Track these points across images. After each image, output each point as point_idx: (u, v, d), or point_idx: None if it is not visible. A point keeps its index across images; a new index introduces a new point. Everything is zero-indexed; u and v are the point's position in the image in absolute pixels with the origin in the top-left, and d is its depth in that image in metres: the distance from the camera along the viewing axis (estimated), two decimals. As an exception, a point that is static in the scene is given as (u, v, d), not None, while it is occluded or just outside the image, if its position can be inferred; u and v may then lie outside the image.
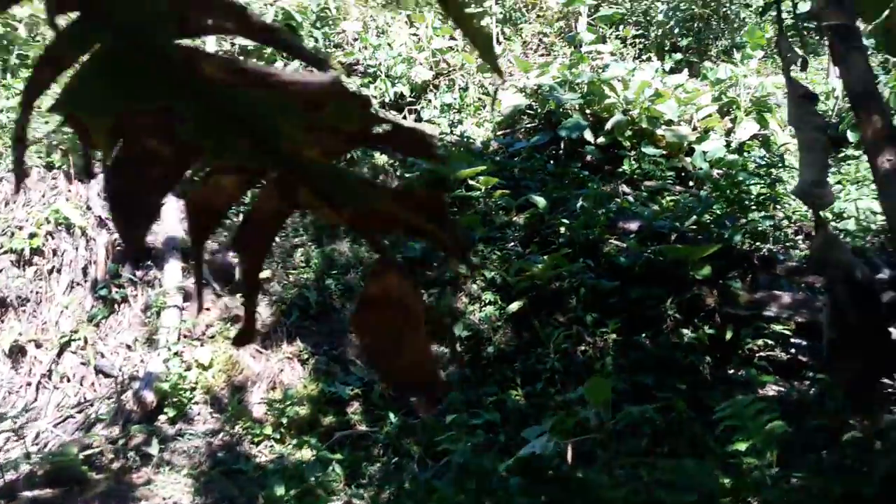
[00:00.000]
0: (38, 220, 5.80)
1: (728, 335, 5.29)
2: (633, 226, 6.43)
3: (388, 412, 4.69)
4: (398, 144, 0.71)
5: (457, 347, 5.26)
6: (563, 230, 6.25)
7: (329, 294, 5.77)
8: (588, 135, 8.34)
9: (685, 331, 5.37)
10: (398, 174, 7.77)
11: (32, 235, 5.70)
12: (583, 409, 3.57)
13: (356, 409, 4.98)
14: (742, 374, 5.03)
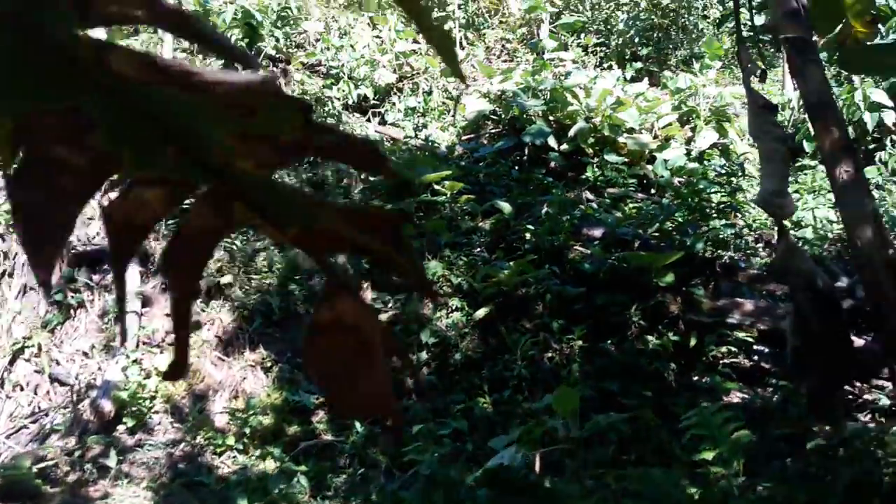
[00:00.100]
0: (-12, 223, 5.57)
1: (692, 342, 5.37)
2: (597, 232, 6.49)
3: (355, 421, 4.63)
4: (345, 157, 0.65)
5: (414, 359, 5.22)
6: (529, 236, 6.27)
7: (293, 300, 5.68)
8: (552, 141, 8.40)
9: (650, 337, 5.44)
10: (363, 178, 7.70)
11: (-19, 238, 5.47)
12: (550, 419, 3.57)
13: (321, 419, 4.90)
14: (706, 381, 5.11)
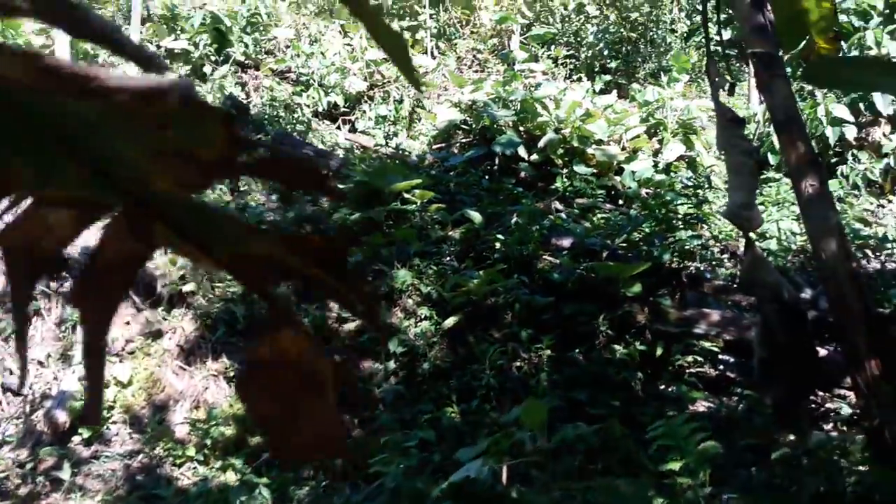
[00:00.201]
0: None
1: (658, 351, 5.39)
2: (566, 242, 6.50)
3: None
4: (281, 176, 0.57)
5: (382, 368, 5.16)
6: (498, 246, 6.26)
7: (257, 308, 5.57)
8: (522, 151, 8.43)
9: (617, 347, 5.45)
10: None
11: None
12: (518, 431, 3.54)
13: (286, 429, 4.80)
14: (673, 390, 5.13)
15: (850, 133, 8.90)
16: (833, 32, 4.84)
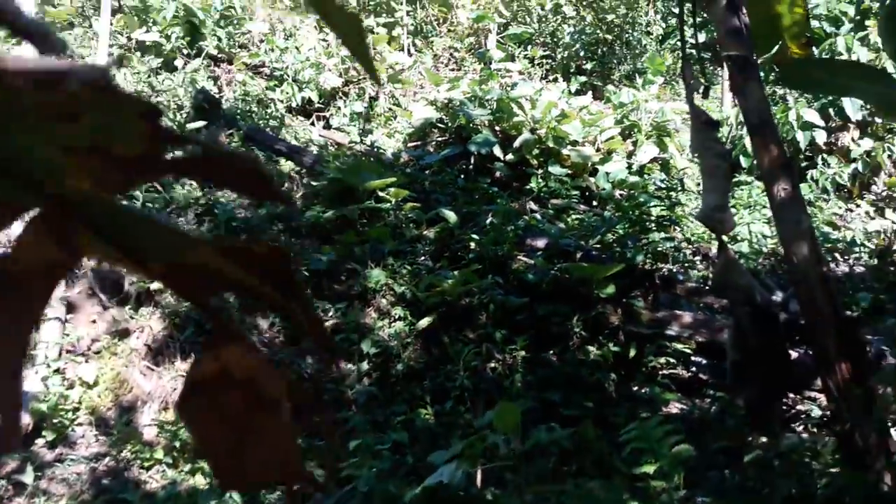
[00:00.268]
0: None
1: (632, 353, 5.41)
2: (541, 243, 6.51)
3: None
4: (215, 177, 0.51)
5: (354, 369, 5.11)
6: (473, 245, 6.23)
7: (228, 307, 5.47)
8: (497, 151, 8.42)
9: (591, 348, 5.46)
10: (304, 182, 7.53)
11: None
12: (492, 434, 3.52)
13: (257, 431, 4.72)
14: (646, 392, 5.15)
15: (821, 137, 9.04)
16: (805, 38, 4.89)
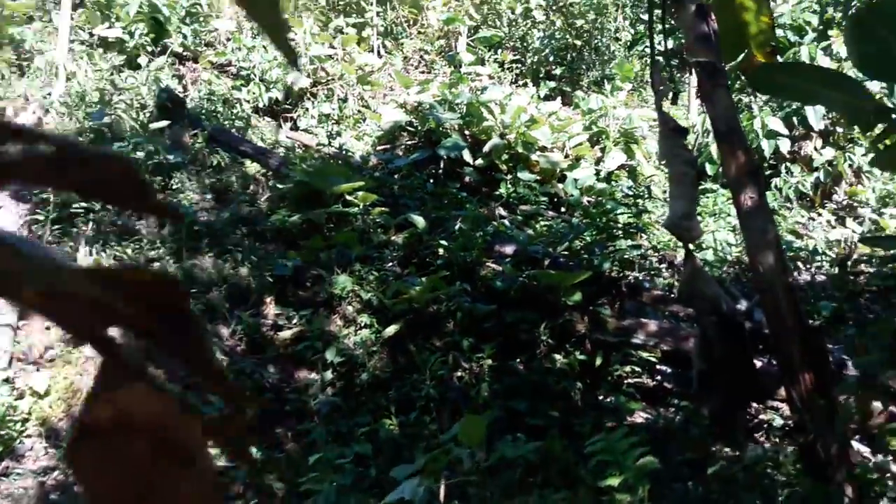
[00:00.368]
0: None
1: (598, 361, 5.40)
2: (509, 249, 6.47)
3: (250, 447, 4.35)
4: (75, 182, 0.44)
5: (318, 379, 4.99)
6: (442, 251, 6.17)
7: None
8: (467, 155, 8.37)
9: (557, 356, 5.43)
10: (270, 185, 7.39)
11: None
12: (456, 448, 3.45)
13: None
14: (611, 401, 5.13)
15: (785, 146, 9.18)
16: (771, 46, 4.94)
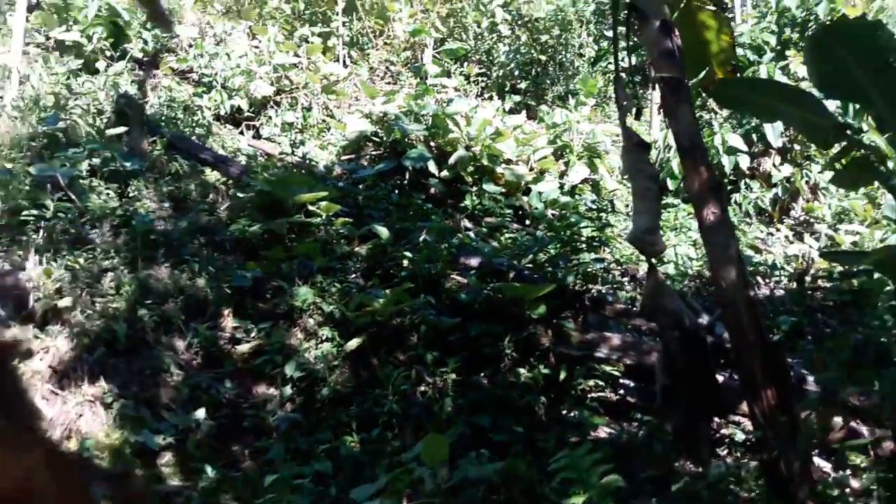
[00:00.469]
0: None
1: (562, 375, 5.37)
2: (474, 262, 6.43)
3: (205, 465, 4.19)
4: None
5: (277, 395, 4.86)
6: (406, 263, 6.09)
7: (142, 327, 5.14)
8: (432, 166, 8.33)
9: (521, 370, 5.38)
10: (229, 194, 7.23)
11: None
12: (419, 467, 3.37)
13: (168, 461, 4.41)
14: (575, 415, 5.11)
15: (744, 162, 9.34)
16: (731, 65, 5.01)
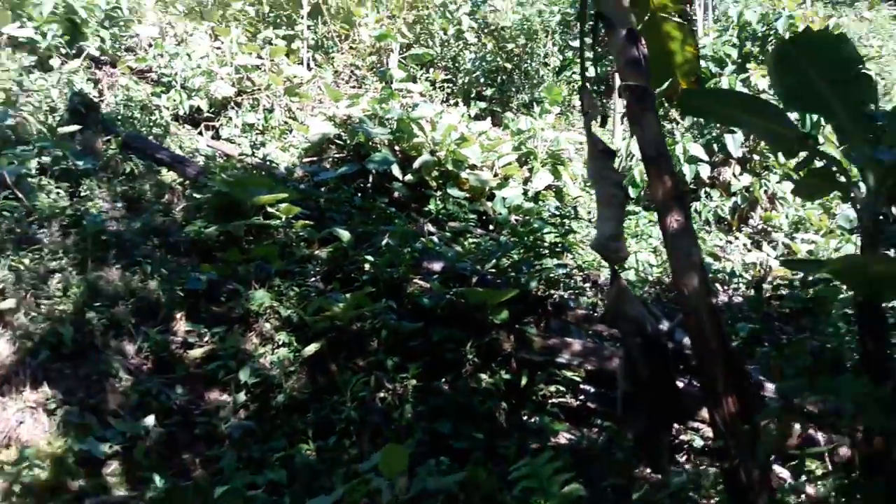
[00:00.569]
0: None
1: (523, 381, 5.32)
2: (437, 266, 6.35)
3: (154, 474, 4.02)
4: None
5: (231, 401, 4.71)
6: (368, 267, 5.99)
7: (89, 330, 4.93)
8: (396, 170, 8.26)
9: (483, 376, 5.32)
10: (185, 194, 7.03)
11: None
12: (376, 478, 3.27)
13: (115, 470, 4.21)
14: (535, 422, 5.05)
15: (705, 172, 9.48)
16: (695, 75, 5.05)
